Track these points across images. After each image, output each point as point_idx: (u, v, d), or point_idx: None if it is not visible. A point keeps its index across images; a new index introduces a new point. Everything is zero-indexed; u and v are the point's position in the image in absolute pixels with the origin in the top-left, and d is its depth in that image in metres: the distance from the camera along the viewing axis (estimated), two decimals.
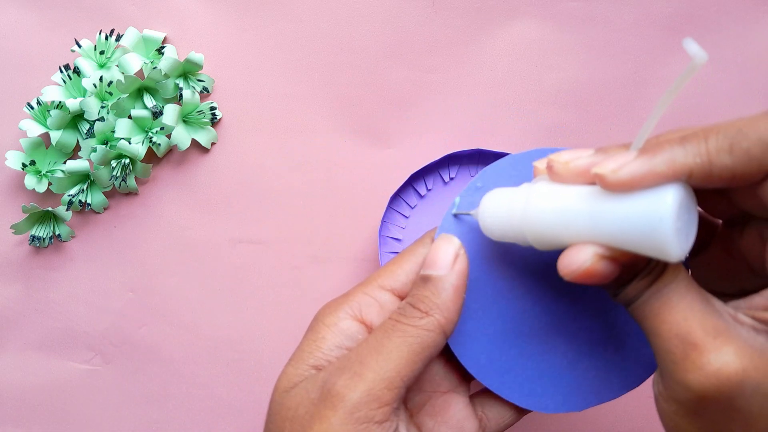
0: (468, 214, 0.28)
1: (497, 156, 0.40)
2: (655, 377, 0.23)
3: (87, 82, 0.40)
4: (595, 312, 0.29)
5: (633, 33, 0.42)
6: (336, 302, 0.28)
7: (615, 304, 0.28)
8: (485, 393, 0.30)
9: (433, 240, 0.28)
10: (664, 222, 0.20)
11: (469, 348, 0.29)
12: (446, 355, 0.30)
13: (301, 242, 0.42)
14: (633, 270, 0.22)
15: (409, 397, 0.29)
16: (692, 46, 0.19)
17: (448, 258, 0.26)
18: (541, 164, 0.25)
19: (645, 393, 0.41)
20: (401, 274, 0.28)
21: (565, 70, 0.42)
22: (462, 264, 0.26)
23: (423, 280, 0.26)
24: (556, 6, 0.42)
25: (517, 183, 0.28)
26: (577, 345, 0.29)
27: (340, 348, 0.27)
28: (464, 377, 0.30)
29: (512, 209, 0.25)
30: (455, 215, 0.29)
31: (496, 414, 0.29)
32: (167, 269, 0.43)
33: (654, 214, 0.20)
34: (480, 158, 0.41)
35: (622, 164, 0.21)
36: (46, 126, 0.41)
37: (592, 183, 0.22)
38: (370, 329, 0.27)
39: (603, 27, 0.42)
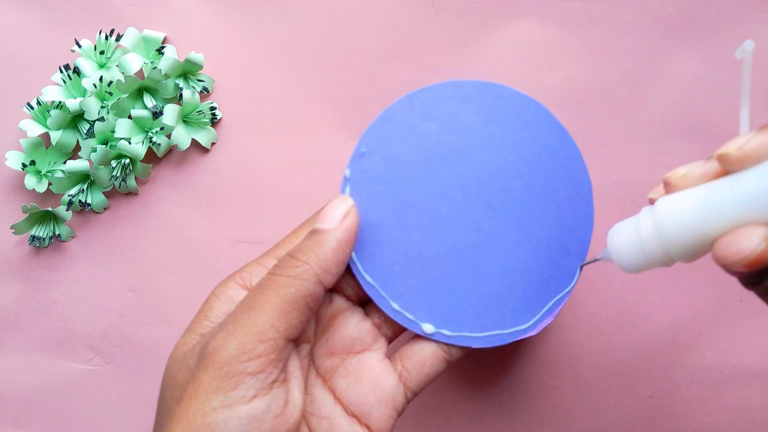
0: (597, 260, 0.29)
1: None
2: None
3: (87, 82, 0.40)
4: (501, 239, 0.30)
5: (633, 33, 0.42)
6: (229, 276, 0.28)
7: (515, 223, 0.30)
8: (404, 346, 0.30)
9: None
10: None
11: (379, 277, 0.30)
12: (358, 316, 0.30)
13: None
14: None
15: (320, 362, 0.29)
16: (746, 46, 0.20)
17: (337, 214, 0.27)
18: (655, 194, 0.25)
19: (642, 398, 0.41)
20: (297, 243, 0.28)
21: (565, 70, 0.42)
22: (351, 221, 0.27)
23: (310, 233, 0.27)
24: (556, 6, 0.42)
25: (404, 138, 0.30)
26: (489, 271, 0.30)
27: (226, 314, 0.27)
28: (378, 335, 0.30)
29: (643, 233, 0.24)
30: (581, 267, 0.30)
31: (415, 363, 0.29)
32: (167, 269, 0.43)
33: None
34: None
35: (744, 142, 0.21)
36: (46, 126, 0.41)
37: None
38: None
39: (603, 27, 0.42)
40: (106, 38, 0.41)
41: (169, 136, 0.42)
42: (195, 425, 0.23)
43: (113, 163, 0.41)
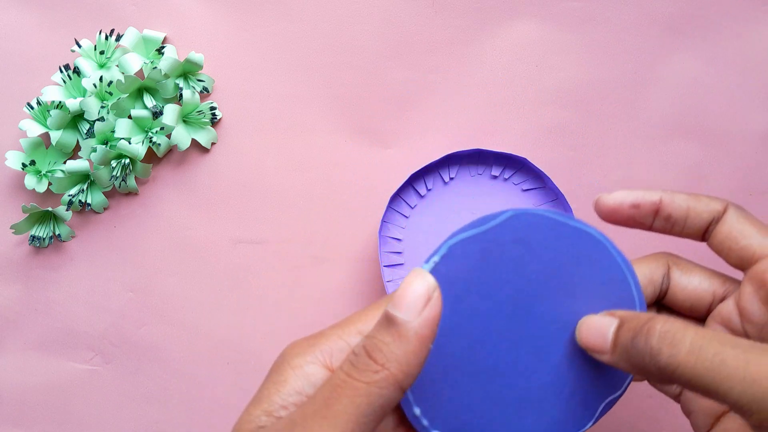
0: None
1: (497, 156, 0.40)
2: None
3: (87, 82, 0.40)
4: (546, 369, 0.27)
5: (633, 33, 0.42)
6: (307, 342, 0.25)
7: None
8: None
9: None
10: None
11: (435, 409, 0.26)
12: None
13: (301, 242, 0.42)
14: None
15: None
16: None
17: (418, 300, 0.22)
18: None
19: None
20: None
21: (565, 70, 0.42)
22: (433, 310, 0.22)
23: (386, 322, 0.22)
24: (556, 6, 0.42)
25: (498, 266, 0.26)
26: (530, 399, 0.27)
27: (300, 394, 0.24)
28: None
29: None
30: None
31: None
32: (167, 269, 0.43)
33: None
34: (480, 158, 0.41)
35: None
36: (46, 126, 0.41)
37: None
38: None
39: (603, 27, 0.42)
40: (106, 38, 0.41)
41: (169, 136, 0.42)
42: None
43: (113, 163, 0.41)
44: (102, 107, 0.41)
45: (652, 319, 0.23)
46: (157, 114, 0.41)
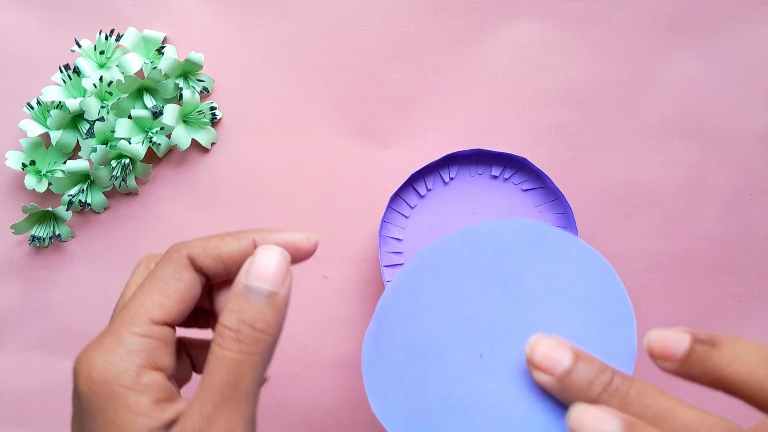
0: None
1: (497, 156, 0.40)
2: None
3: (87, 82, 0.40)
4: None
5: (633, 33, 0.42)
6: (112, 354, 0.24)
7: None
8: None
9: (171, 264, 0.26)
10: None
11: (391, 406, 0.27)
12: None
13: None
14: None
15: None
16: None
17: (281, 272, 0.24)
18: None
19: None
20: (167, 302, 0.25)
21: (565, 70, 0.42)
22: (291, 279, 0.25)
23: (256, 293, 0.24)
24: (556, 6, 0.42)
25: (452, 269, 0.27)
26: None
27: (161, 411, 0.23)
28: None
29: None
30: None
31: None
32: None
33: None
34: (480, 158, 0.41)
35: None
36: (46, 126, 0.41)
37: None
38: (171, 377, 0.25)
39: (603, 27, 0.42)
40: (106, 38, 0.41)
41: (169, 136, 0.42)
42: None
43: (113, 163, 0.41)
44: (102, 107, 0.41)
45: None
46: (157, 114, 0.41)
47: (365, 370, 0.28)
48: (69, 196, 0.41)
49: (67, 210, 0.41)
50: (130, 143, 0.40)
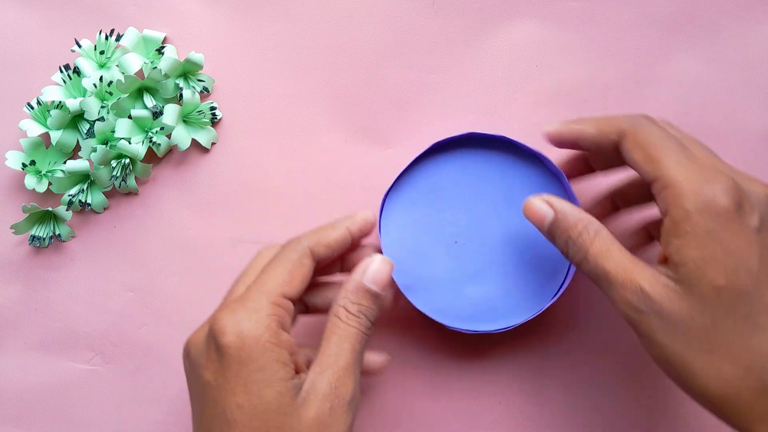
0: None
1: (491, 139, 0.39)
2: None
3: (87, 82, 0.40)
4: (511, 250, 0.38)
5: (633, 33, 0.42)
6: (257, 315, 0.30)
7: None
8: None
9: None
10: None
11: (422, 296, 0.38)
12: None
13: None
14: None
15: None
16: None
17: (388, 282, 0.33)
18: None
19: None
20: (293, 282, 0.32)
21: (565, 70, 0.42)
22: (392, 292, 0.36)
23: (369, 292, 0.32)
24: (556, 6, 0.42)
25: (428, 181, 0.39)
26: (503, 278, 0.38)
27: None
28: None
29: None
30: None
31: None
32: (167, 269, 0.43)
33: None
34: (471, 143, 0.39)
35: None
36: (46, 126, 0.41)
37: None
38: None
39: (603, 27, 0.42)
40: (106, 38, 0.41)
41: (169, 136, 0.42)
42: None
43: (113, 163, 0.41)
44: (102, 107, 0.41)
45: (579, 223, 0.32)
46: (157, 114, 0.41)
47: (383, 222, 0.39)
48: (69, 196, 0.41)
49: (67, 210, 0.41)
50: (130, 143, 0.40)
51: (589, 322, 0.41)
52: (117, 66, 0.41)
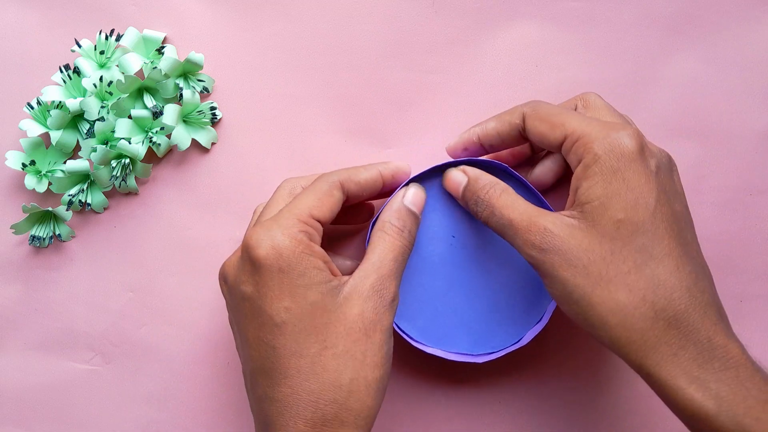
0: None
1: (456, 164, 0.38)
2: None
3: (87, 82, 0.40)
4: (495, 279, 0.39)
5: (633, 33, 0.42)
6: (290, 230, 0.32)
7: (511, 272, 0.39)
8: None
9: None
10: None
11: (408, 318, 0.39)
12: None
13: None
14: None
15: None
16: None
17: (422, 203, 0.37)
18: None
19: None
20: (322, 207, 0.34)
21: (565, 70, 0.42)
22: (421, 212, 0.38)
23: (409, 212, 0.36)
24: (556, 6, 0.42)
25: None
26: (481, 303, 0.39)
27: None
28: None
29: None
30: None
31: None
32: (167, 269, 0.43)
33: None
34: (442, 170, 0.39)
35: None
36: (46, 126, 0.41)
37: None
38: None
39: (603, 27, 0.42)
40: (106, 38, 0.41)
41: (169, 136, 0.42)
42: None
43: (113, 163, 0.41)
44: (102, 107, 0.41)
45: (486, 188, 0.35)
46: (157, 114, 0.41)
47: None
48: (69, 196, 0.41)
49: (67, 210, 0.41)
50: (130, 143, 0.40)
51: None
52: (117, 66, 0.41)
